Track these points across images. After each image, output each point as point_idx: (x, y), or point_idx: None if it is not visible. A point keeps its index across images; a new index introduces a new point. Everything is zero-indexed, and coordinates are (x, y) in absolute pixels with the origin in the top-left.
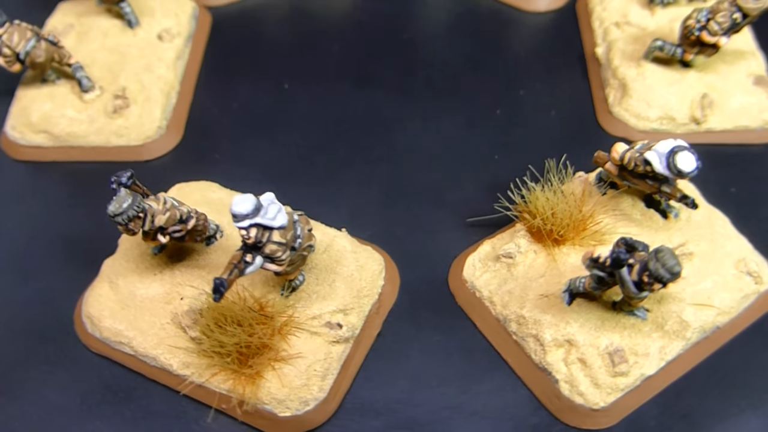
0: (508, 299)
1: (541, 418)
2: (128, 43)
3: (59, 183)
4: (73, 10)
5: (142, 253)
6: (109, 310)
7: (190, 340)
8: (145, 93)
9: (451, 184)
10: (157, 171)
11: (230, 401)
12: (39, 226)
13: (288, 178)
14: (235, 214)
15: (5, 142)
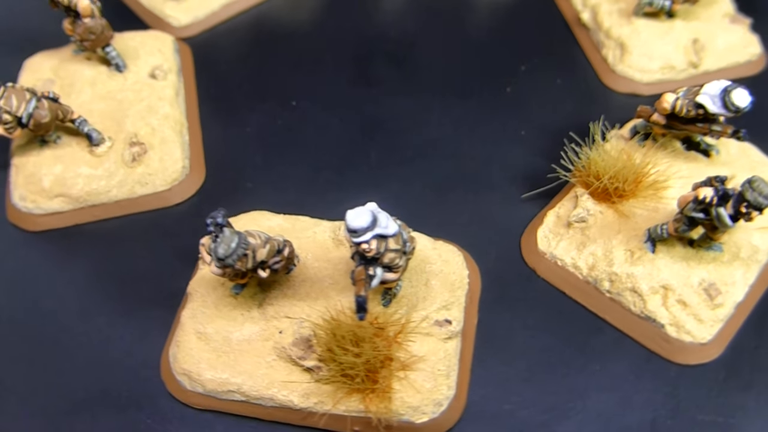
0: (594, 261)
1: (656, 365)
2: (121, 88)
3: (88, 246)
4: (45, 64)
5: (219, 296)
6: (206, 361)
7: (305, 370)
8: (159, 135)
9: (490, 165)
10: (191, 212)
11: (363, 422)
12: (83, 296)
13: (330, 192)
14: (355, 229)
15: (15, 216)
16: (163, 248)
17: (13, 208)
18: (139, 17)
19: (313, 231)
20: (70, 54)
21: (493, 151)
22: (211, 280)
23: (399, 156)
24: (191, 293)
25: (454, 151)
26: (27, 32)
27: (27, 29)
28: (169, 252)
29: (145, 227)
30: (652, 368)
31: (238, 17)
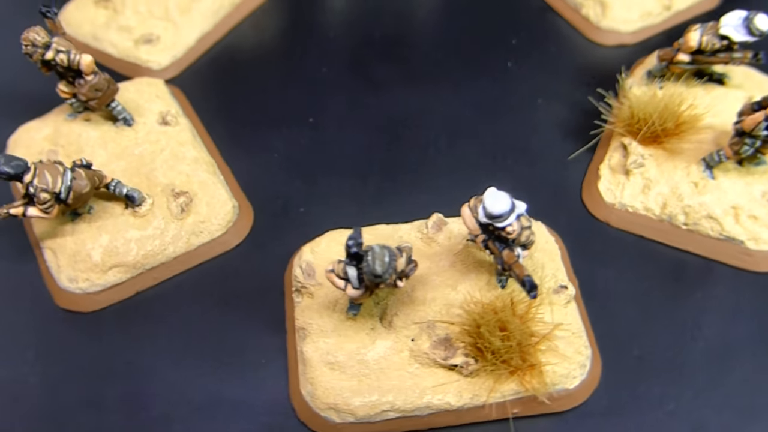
0: (663, 199)
1: (745, 279)
2: (136, 142)
3: (159, 310)
4: (37, 136)
5: (336, 322)
6: (348, 390)
7: (451, 369)
8: (196, 180)
9: (523, 137)
10: (255, 250)
11: (521, 403)
12: (175, 365)
13: (386, 197)
14: (500, 214)
15: (68, 300)
16: (239, 293)
17: (63, 293)
18: (115, 69)
19: (398, 236)
20: (64, 119)
21: (520, 123)
22: (319, 309)
23: (433, 148)
24: (304, 327)
25: (483, 131)
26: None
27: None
28: (247, 295)
29: (213, 276)
30: (743, 282)
31: (215, 47)
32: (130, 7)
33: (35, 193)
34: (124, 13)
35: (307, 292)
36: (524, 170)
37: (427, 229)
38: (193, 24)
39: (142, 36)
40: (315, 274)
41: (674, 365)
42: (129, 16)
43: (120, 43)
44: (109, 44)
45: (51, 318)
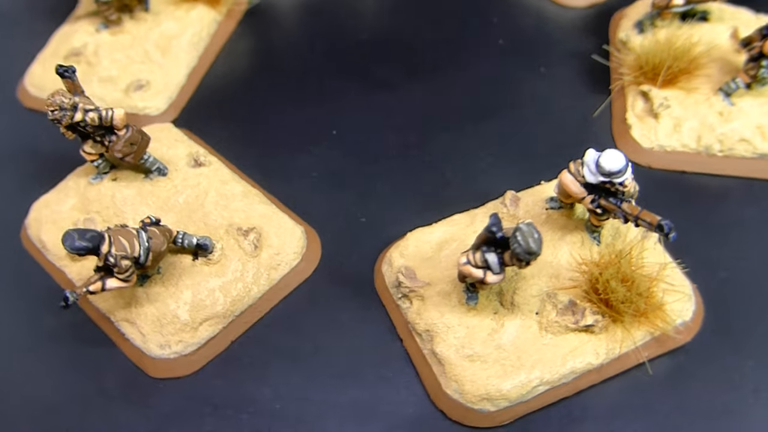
0: (696, 133)
1: None
2: (177, 190)
3: (263, 355)
4: (63, 207)
5: (460, 316)
6: (495, 376)
7: (583, 331)
8: (256, 214)
9: (540, 107)
10: (336, 267)
11: (650, 345)
12: (311, 392)
13: (443, 189)
14: (619, 170)
15: (164, 368)
16: (335, 314)
17: (156, 362)
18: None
19: (480, 220)
20: (87, 183)
21: (532, 94)
22: (436, 308)
23: (460, 134)
24: (428, 329)
25: (501, 108)
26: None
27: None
28: (345, 314)
29: (302, 304)
30: None
31: (206, 79)
32: (104, 57)
33: (116, 262)
34: (100, 64)
35: (416, 295)
36: (553, 137)
37: (507, 207)
38: (178, 62)
39: (131, 84)
40: (416, 276)
41: (758, 277)
42: (107, 66)
43: (108, 95)
44: (96, 99)
45: (151, 391)
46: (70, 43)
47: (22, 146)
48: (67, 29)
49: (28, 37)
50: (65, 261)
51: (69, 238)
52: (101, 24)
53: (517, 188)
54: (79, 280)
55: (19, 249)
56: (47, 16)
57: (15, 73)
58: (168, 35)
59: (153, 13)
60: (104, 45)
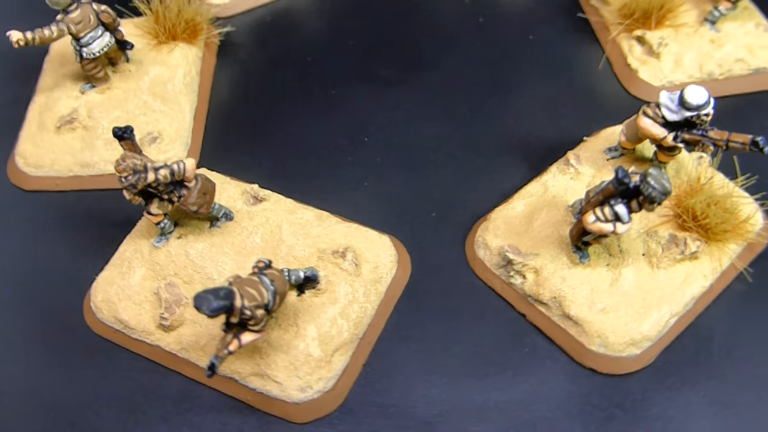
0: (698, 63)
1: None
2: (249, 230)
3: (396, 363)
4: (131, 281)
5: (577, 276)
6: (633, 321)
7: (689, 258)
8: (338, 235)
9: (545, 73)
10: (432, 266)
11: (742, 256)
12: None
13: (491, 170)
14: (705, 102)
15: (303, 412)
16: (451, 310)
17: (304, 406)
18: None
19: (550, 186)
20: (151, 249)
21: (532, 61)
22: (553, 274)
23: (486, 113)
24: (554, 296)
25: (505, 80)
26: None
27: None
28: (459, 307)
29: (414, 310)
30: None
31: (210, 115)
32: (101, 117)
33: (252, 314)
34: (99, 126)
35: (529, 268)
36: (570, 97)
37: (573, 166)
38: (180, 105)
39: (142, 139)
40: (523, 249)
41: None
42: (107, 127)
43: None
44: (108, 163)
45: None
46: (56, 111)
47: (40, 232)
48: (43, 99)
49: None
50: (157, 334)
51: (204, 300)
52: (85, 85)
53: (564, 149)
54: (181, 350)
55: (91, 337)
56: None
57: (2, 157)
58: (160, 81)
59: (135, 62)
60: (97, 105)
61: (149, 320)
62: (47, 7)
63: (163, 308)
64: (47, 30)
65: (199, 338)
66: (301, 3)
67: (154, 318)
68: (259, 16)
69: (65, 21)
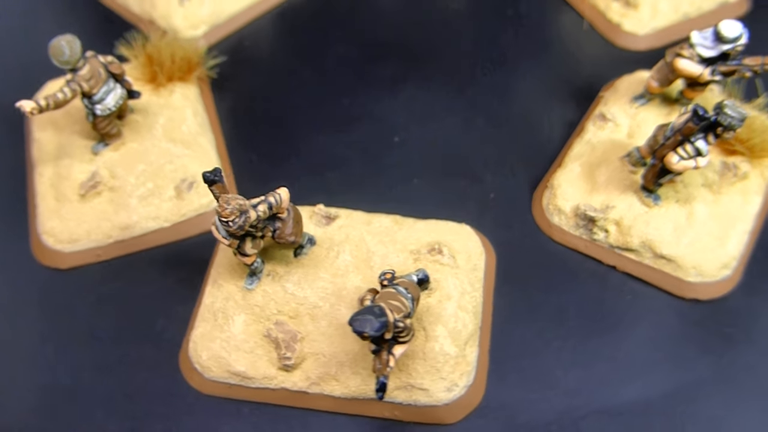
0: (673, 6)
1: None
2: (336, 252)
3: (512, 362)
4: (233, 321)
5: (658, 217)
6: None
7: (741, 178)
8: (423, 234)
9: (537, 48)
10: (514, 246)
11: None
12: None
13: (534, 135)
14: (740, 33)
15: (452, 412)
16: (545, 283)
17: (454, 406)
18: (197, 231)
19: (596, 139)
20: (244, 294)
21: (519, 37)
22: (633, 221)
23: (501, 86)
24: (644, 241)
25: (511, 58)
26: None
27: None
28: (552, 276)
29: (512, 294)
30: None
31: (231, 148)
32: (126, 175)
33: (404, 326)
34: (127, 183)
35: (609, 221)
36: (568, 64)
37: (610, 120)
38: (203, 145)
39: (178, 187)
40: (598, 206)
41: None
42: (136, 182)
43: (160, 211)
44: (150, 220)
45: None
46: (73, 180)
47: (96, 310)
48: (50, 169)
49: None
50: (280, 376)
51: (366, 322)
52: (97, 144)
53: (580, 113)
54: (311, 385)
55: (202, 400)
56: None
57: (19, 241)
58: (173, 125)
59: (139, 111)
60: (116, 163)
61: (267, 364)
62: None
63: (282, 348)
64: (60, 93)
65: (328, 368)
66: (271, 20)
67: (271, 361)
68: (236, 41)
69: (76, 80)
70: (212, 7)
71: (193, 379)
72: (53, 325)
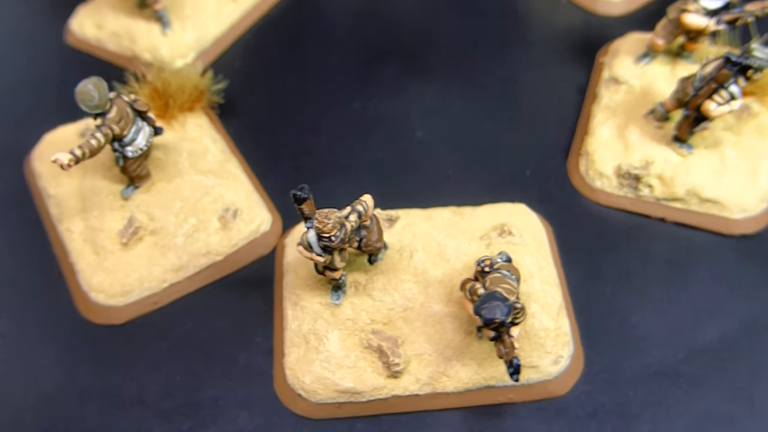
0: None
1: None
2: (409, 251)
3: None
4: (328, 342)
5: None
6: None
7: (754, 116)
8: (484, 220)
9: (529, 32)
10: (565, 218)
11: None
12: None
13: (554, 104)
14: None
15: (561, 385)
16: (612, 256)
17: (562, 378)
18: (237, 267)
19: (615, 104)
20: (330, 309)
21: (513, 21)
22: (672, 171)
23: (510, 67)
24: (689, 189)
25: (509, 44)
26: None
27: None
28: (617, 247)
29: (582, 270)
30: None
31: (257, 171)
32: (164, 214)
33: (521, 306)
34: (168, 223)
35: (652, 176)
36: (558, 37)
37: (622, 83)
38: (233, 172)
39: (222, 217)
40: (638, 163)
41: None
42: (176, 220)
43: (209, 246)
44: (201, 256)
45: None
46: (108, 230)
47: (167, 358)
48: (78, 224)
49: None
50: (389, 384)
51: (497, 308)
52: (126, 189)
53: (585, 81)
54: (422, 386)
55: (311, 426)
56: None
57: (62, 304)
58: (198, 157)
59: (159, 148)
60: (152, 205)
61: (373, 375)
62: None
63: (389, 355)
64: (93, 140)
65: (436, 366)
66: (256, 36)
67: (377, 371)
68: (227, 62)
69: (106, 123)
70: (196, 32)
71: (298, 407)
72: (126, 383)
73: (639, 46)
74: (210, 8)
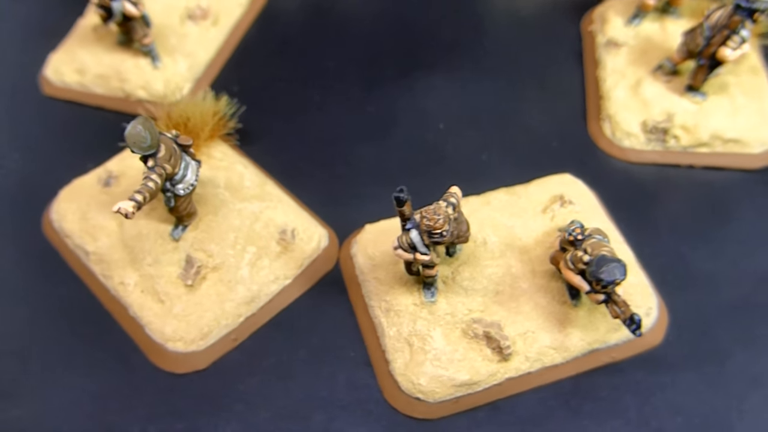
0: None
1: None
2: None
3: None
4: (430, 341)
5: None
6: None
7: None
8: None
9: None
10: (607, 190)
11: None
12: None
13: (567, 90)
14: None
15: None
16: (667, 218)
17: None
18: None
19: (621, 68)
20: (424, 307)
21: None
22: (692, 118)
23: (518, 63)
24: (713, 132)
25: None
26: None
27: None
28: (667, 206)
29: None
30: None
31: (296, 188)
32: (221, 249)
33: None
34: (227, 261)
35: (677, 127)
36: (541, 16)
37: (620, 45)
38: (271, 193)
39: (282, 239)
40: (660, 118)
41: None
42: (233, 252)
43: (275, 271)
44: (270, 284)
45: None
46: (167, 275)
47: (263, 392)
48: (135, 276)
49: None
50: (501, 369)
51: (615, 269)
52: (174, 230)
53: (578, 51)
54: (534, 362)
55: (430, 426)
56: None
57: (136, 365)
58: (235, 185)
59: None
60: (204, 242)
61: (485, 363)
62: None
63: (499, 339)
64: (150, 182)
65: (542, 341)
66: (244, 55)
67: (487, 358)
68: (223, 85)
69: (159, 164)
70: (187, 62)
71: (417, 410)
72: (232, 427)
73: (625, 9)
74: (194, 35)
